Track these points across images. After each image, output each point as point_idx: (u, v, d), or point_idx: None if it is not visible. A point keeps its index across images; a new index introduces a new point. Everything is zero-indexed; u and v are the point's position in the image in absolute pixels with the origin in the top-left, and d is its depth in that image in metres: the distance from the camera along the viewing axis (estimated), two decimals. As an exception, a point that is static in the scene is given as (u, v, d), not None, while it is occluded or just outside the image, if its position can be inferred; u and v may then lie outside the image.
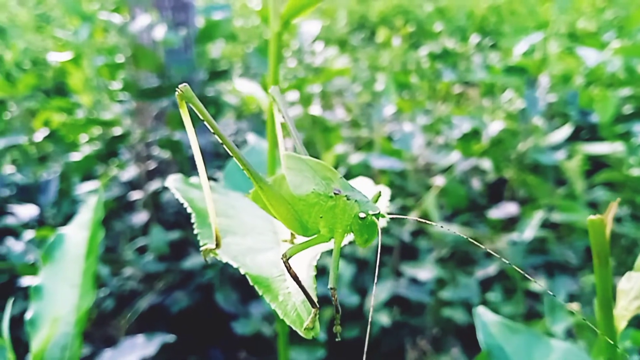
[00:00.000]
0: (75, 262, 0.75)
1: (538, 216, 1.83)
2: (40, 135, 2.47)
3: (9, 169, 2.42)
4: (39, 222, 2.13)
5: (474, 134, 2.28)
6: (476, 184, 2.25)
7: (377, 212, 0.49)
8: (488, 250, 0.50)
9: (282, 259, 0.46)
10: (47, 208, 2.19)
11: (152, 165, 2.28)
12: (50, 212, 2.21)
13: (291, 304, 0.46)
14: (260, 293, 0.46)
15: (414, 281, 1.87)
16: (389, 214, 0.54)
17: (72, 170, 2.35)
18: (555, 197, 1.99)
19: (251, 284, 0.46)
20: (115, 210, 2.34)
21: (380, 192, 0.56)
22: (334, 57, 3.37)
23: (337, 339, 0.49)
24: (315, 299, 0.46)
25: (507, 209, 2.05)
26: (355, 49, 4.09)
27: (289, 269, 0.46)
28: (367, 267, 1.97)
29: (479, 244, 0.53)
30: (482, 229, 2.06)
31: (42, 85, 3.16)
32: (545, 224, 1.97)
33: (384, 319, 1.73)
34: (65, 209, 2.29)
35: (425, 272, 1.85)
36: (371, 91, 3.05)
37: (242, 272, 0.47)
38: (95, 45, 2.47)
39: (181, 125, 2.20)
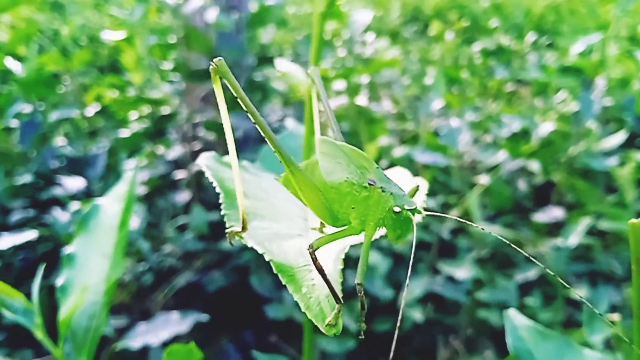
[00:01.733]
0: (108, 233, 0.76)
1: (585, 222, 1.77)
2: (91, 110, 2.54)
3: (60, 141, 2.50)
4: (85, 195, 2.19)
5: (524, 134, 2.22)
6: (522, 185, 2.20)
7: (413, 207, 0.47)
8: (527, 255, 0.47)
9: (308, 249, 0.44)
10: (94, 181, 2.25)
11: (197, 146, 2.31)
12: (96, 186, 2.27)
13: (315, 297, 0.43)
14: (283, 282, 0.44)
15: (451, 280, 1.84)
16: (425, 209, 0.51)
17: (120, 146, 2.40)
18: (604, 205, 1.92)
19: (275, 271, 0.44)
20: (160, 187, 2.39)
21: (417, 186, 0.54)
22: (385, 49, 3.34)
23: (360, 337, 0.47)
24: (340, 294, 0.44)
25: (553, 213, 2.00)
26: (407, 42, 4.04)
27: (314, 260, 0.43)
28: (404, 262, 1.95)
29: (518, 249, 0.50)
30: (526, 231, 2.01)
31: (97, 61, 3.24)
32: (592, 232, 1.90)
33: (417, 315, 1.71)
34: (111, 183, 2.34)
35: (463, 271, 1.81)
36: (420, 84, 3.01)
37: (267, 258, 0.45)
38: (149, 25, 2.51)
39: (228, 108, 2.22)
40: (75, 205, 1.98)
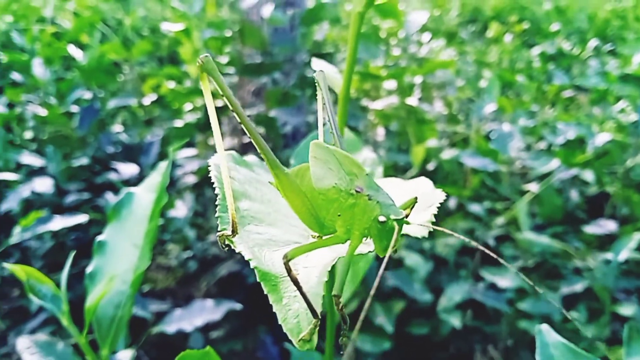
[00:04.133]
0: (139, 223, 0.77)
1: (638, 237, 1.70)
2: (148, 99, 2.62)
3: (117, 127, 2.58)
4: (138, 181, 2.27)
5: (579, 143, 2.15)
6: (574, 195, 2.13)
7: (399, 217, 0.44)
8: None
9: (282, 259, 0.42)
10: (147, 168, 2.32)
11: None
12: (149, 173, 2.34)
13: (294, 310, 0.41)
14: (265, 291, 0.42)
15: (493, 287, 1.81)
16: (433, 223, 0.48)
17: (173, 135, 2.46)
18: (661, 220, 1.84)
19: (258, 280, 0.43)
20: (208, 177, 2.44)
21: (415, 198, 0.51)
22: (440, 49, 3.29)
23: (340, 352, 0.44)
24: (319, 309, 0.41)
25: (605, 226, 1.93)
26: (464, 43, 3.97)
27: (289, 271, 0.41)
28: (445, 266, 1.93)
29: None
30: (575, 243, 1.95)
31: (157, 52, 3.32)
32: (645, 247, 1.83)
33: (455, 321, 1.69)
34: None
35: (506, 280, 1.78)
36: (475, 87, 2.95)
37: (252, 265, 0.43)
38: (207, 18, 2.56)
39: (277, 103, 2.24)
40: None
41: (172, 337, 1.47)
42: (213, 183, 0.51)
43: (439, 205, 0.53)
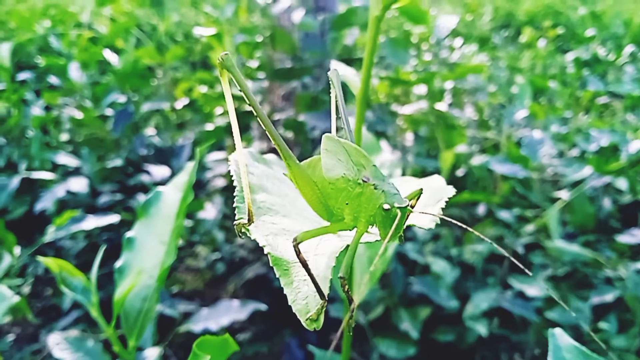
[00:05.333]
0: (166, 220, 0.80)
1: (672, 248, 1.66)
2: (181, 103, 2.66)
3: (150, 131, 2.64)
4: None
5: (613, 150, 2.11)
6: (607, 203, 2.08)
7: (403, 205, 0.47)
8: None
9: (292, 242, 0.45)
10: (178, 171, 2.35)
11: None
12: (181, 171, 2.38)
13: (303, 292, 0.44)
14: (277, 275, 0.45)
15: (521, 295, 1.79)
16: (441, 215, 0.51)
17: (204, 138, 2.50)
18: (698, 230, 1.79)
19: (271, 264, 0.46)
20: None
21: (421, 189, 0.54)
22: (472, 54, 3.26)
23: (349, 332, 0.47)
24: (326, 291, 0.44)
25: (639, 236, 1.88)
26: (496, 48, 3.93)
27: (298, 254, 0.44)
28: (472, 273, 1.91)
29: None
30: (607, 252, 1.91)
31: (190, 57, 3.38)
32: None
33: (482, 328, 1.67)
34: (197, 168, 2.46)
35: (535, 288, 1.75)
36: (506, 93, 2.92)
37: (266, 251, 0.46)
38: (239, 23, 2.59)
39: (307, 108, 2.26)
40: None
41: (199, 336, 1.50)
42: (232, 176, 0.53)
43: (447, 200, 0.55)
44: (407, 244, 1.94)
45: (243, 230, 0.50)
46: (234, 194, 0.52)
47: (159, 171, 2.23)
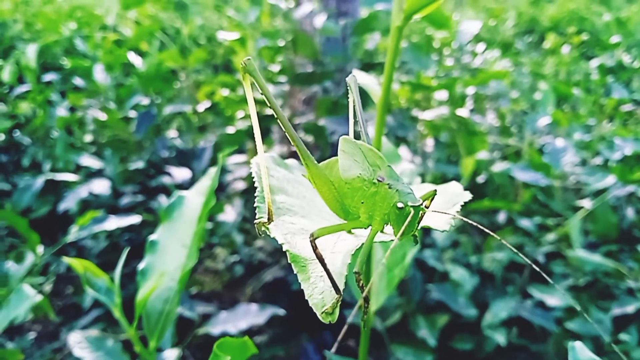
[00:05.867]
0: (189, 224, 0.81)
1: (698, 260, 1.63)
2: (203, 106, 2.69)
3: (172, 133, 2.66)
4: (190, 185, 2.33)
5: (637, 159, 2.08)
6: (631, 213, 2.05)
7: (417, 204, 0.48)
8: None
9: (309, 238, 0.46)
10: (199, 173, 2.38)
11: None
12: (200, 177, 2.40)
13: (320, 287, 0.46)
14: (295, 271, 0.47)
15: (541, 305, 1.77)
16: (458, 216, 0.52)
17: (225, 141, 2.52)
18: None
19: (289, 261, 0.47)
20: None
21: (434, 190, 0.56)
22: (495, 60, 3.24)
23: (364, 328, 0.49)
24: (341, 286, 0.45)
25: (663, 247, 1.85)
26: (519, 54, 3.89)
27: (314, 248, 0.46)
28: (491, 281, 1.89)
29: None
30: (629, 263, 1.88)
31: (212, 60, 3.41)
32: None
33: (500, 337, 1.65)
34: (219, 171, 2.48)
35: (555, 298, 1.73)
36: (529, 99, 2.89)
37: (284, 249, 0.47)
38: (261, 28, 2.61)
39: (327, 112, 2.26)
40: (179, 195, 2.11)
41: (218, 339, 1.51)
42: (253, 178, 0.56)
43: (462, 204, 0.56)
44: (426, 251, 1.93)
45: (263, 229, 0.51)
46: (255, 195, 0.54)
47: (180, 173, 2.25)
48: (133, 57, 2.61)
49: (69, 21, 3.36)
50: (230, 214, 2.21)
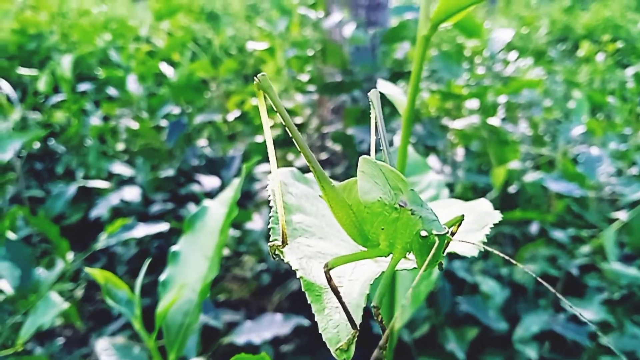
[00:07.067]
0: (211, 235, 0.80)
1: None
2: (232, 115, 2.71)
3: (202, 142, 2.69)
4: (218, 193, 2.34)
5: (676, 169, 2.01)
6: (669, 225, 1.98)
7: (442, 232, 0.44)
8: None
9: (323, 268, 0.43)
10: (228, 181, 2.39)
11: (324, 156, 2.38)
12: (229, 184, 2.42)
13: (335, 320, 0.42)
14: (308, 301, 0.43)
15: (574, 319, 1.72)
16: (485, 242, 0.48)
17: (254, 150, 2.53)
18: None
19: (302, 289, 0.44)
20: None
21: (462, 216, 0.51)
22: (527, 68, 3.19)
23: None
24: (358, 320, 0.42)
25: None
26: (553, 62, 3.82)
27: (329, 280, 0.42)
28: (523, 294, 1.85)
29: None
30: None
31: (243, 70, 3.44)
32: None
33: (532, 352, 1.61)
34: (242, 186, 2.50)
35: (589, 312, 1.68)
36: (563, 108, 2.84)
37: (298, 275, 0.44)
38: (290, 38, 2.62)
39: (356, 121, 2.26)
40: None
41: (242, 349, 1.51)
42: (269, 196, 0.52)
43: (492, 226, 0.52)
44: (455, 262, 1.89)
45: (277, 252, 0.48)
46: (269, 215, 0.51)
47: (209, 181, 2.27)
48: (165, 68, 2.66)
49: (103, 32, 3.44)
50: (258, 222, 2.21)
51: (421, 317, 1.78)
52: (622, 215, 1.92)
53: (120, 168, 2.29)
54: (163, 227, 1.63)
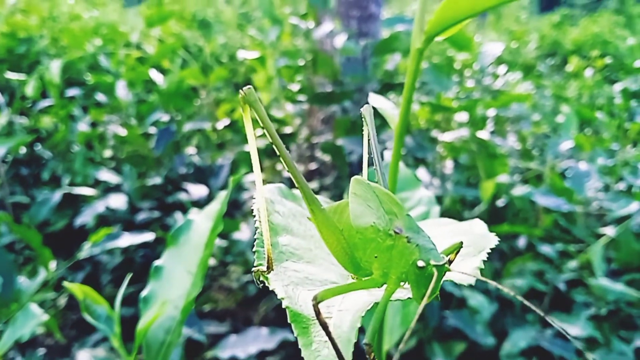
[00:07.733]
0: (195, 250, 0.78)
1: None
2: (222, 124, 2.69)
3: (191, 150, 2.67)
4: (206, 202, 2.32)
5: (663, 186, 2.02)
6: (656, 241, 1.99)
7: (440, 263, 0.41)
8: None
9: (311, 302, 0.39)
10: (216, 191, 2.38)
11: (313, 166, 2.37)
12: (217, 195, 2.40)
13: (323, 356, 0.39)
14: (295, 334, 0.40)
15: (561, 335, 1.71)
16: (481, 271, 0.45)
17: (242, 159, 2.51)
18: None
19: (289, 321, 0.41)
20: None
21: (460, 243, 0.47)
22: (516, 82, 3.21)
23: None
24: (348, 357, 0.38)
25: (690, 277, 1.79)
26: (542, 76, 3.85)
27: (317, 314, 0.39)
28: (511, 308, 1.84)
29: None
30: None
31: (233, 78, 3.43)
32: None
33: (519, 368, 1.61)
34: (230, 195, 2.48)
35: (576, 328, 1.68)
36: (551, 122, 2.86)
37: (284, 305, 0.41)
38: (281, 47, 2.62)
39: (346, 132, 2.25)
40: (195, 212, 2.11)
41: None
42: (254, 216, 0.49)
43: (490, 250, 0.50)
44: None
45: (262, 278, 0.45)
46: (254, 237, 0.47)
47: (197, 190, 2.25)
48: (155, 74, 2.64)
49: (94, 38, 3.42)
50: (245, 232, 2.20)
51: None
52: (610, 231, 1.93)
53: (106, 175, 2.26)
54: (148, 236, 1.61)
